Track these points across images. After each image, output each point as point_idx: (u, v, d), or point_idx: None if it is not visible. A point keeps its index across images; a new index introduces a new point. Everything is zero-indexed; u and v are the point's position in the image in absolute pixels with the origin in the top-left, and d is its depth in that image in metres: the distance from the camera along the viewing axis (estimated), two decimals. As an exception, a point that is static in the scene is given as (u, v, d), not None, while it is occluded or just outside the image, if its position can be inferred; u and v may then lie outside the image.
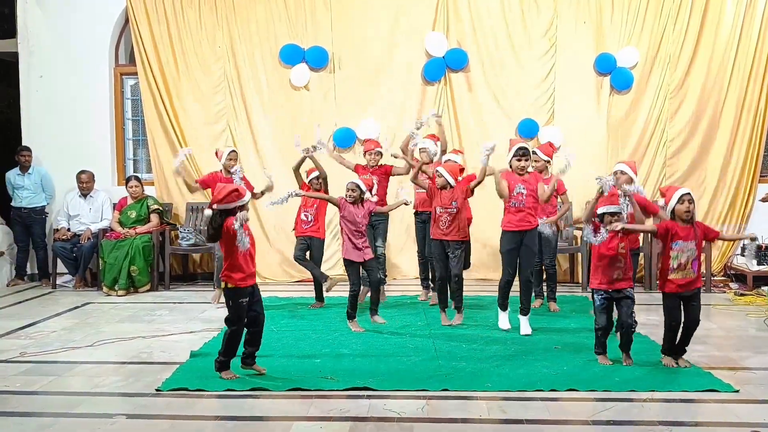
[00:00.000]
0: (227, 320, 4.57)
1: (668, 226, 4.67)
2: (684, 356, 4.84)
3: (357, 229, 5.94)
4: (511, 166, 5.67)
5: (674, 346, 4.79)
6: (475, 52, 8.36)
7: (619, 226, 4.66)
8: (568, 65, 8.30)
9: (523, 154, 5.61)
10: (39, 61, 8.63)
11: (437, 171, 6.01)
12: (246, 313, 4.55)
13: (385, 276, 7.10)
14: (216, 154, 7.08)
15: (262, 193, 6.85)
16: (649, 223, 5.26)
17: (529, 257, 5.69)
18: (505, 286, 5.77)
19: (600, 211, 4.81)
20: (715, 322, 6.14)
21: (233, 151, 7.02)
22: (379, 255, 6.83)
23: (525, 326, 5.72)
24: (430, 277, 6.90)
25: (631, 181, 5.44)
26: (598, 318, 4.87)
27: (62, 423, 3.92)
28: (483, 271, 8.29)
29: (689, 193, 4.68)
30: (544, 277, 6.84)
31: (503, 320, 5.83)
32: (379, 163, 6.88)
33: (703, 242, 4.82)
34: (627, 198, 4.90)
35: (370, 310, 6.14)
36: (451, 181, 5.90)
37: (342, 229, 6.02)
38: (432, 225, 6.10)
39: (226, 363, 4.59)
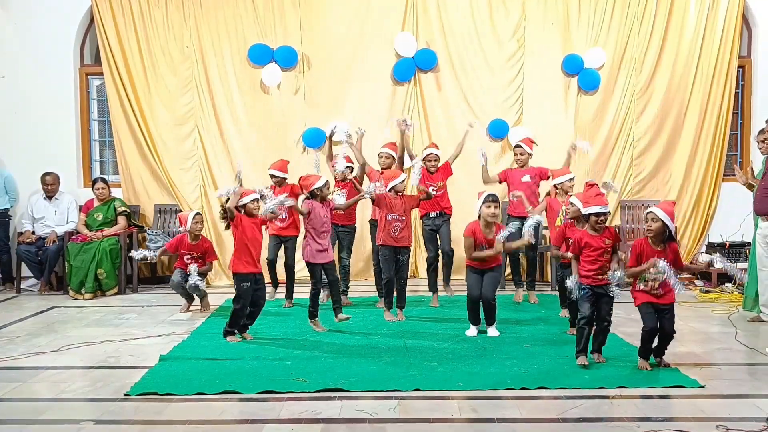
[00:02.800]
0: (234, 299, 5.59)
1: (639, 252, 4.67)
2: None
3: (323, 229, 5.93)
4: (479, 216, 5.62)
5: (650, 350, 4.78)
6: (444, 52, 8.39)
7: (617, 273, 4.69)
8: (536, 66, 8.37)
9: (492, 200, 5.56)
10: (2, 61, 8.47)
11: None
12: (249, 296, 5.56)
13: (348, 288, 7.07)
14: (179, 221, 6.95)
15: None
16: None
17: (492, 284, 5.67)
18: (473, 305, 5.71)
19: (585, 211, 4.85)
20: (681, 319, 6.23)
21: (198, 213, 6.90)
22: (343, 266, 6.86)
23: (493, 331, 5.72)
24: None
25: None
26: (582, 306, 4.83)
27: (28, 430, 3.85)
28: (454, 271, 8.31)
29: (651, 211, 4.68)
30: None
31: (472, 331, 5.77)
32: (346, 178, 6.63)
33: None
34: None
35: (333, 310, 6.09)
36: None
37: (307, 232, 5.93)
38: (380, 231, 6.20)
39: (231, 332, 5.62)
